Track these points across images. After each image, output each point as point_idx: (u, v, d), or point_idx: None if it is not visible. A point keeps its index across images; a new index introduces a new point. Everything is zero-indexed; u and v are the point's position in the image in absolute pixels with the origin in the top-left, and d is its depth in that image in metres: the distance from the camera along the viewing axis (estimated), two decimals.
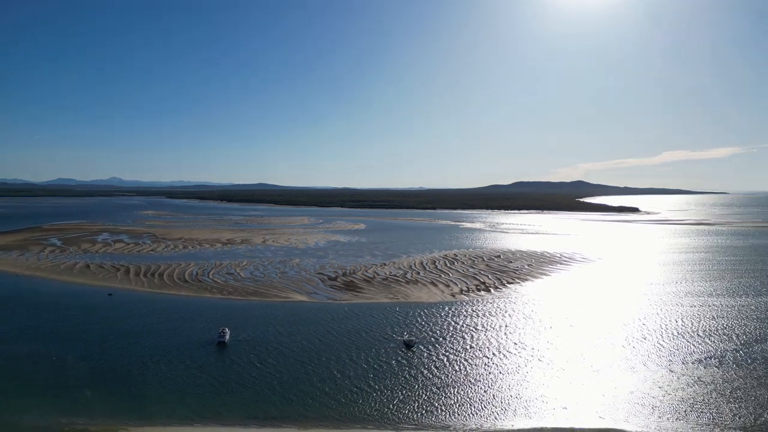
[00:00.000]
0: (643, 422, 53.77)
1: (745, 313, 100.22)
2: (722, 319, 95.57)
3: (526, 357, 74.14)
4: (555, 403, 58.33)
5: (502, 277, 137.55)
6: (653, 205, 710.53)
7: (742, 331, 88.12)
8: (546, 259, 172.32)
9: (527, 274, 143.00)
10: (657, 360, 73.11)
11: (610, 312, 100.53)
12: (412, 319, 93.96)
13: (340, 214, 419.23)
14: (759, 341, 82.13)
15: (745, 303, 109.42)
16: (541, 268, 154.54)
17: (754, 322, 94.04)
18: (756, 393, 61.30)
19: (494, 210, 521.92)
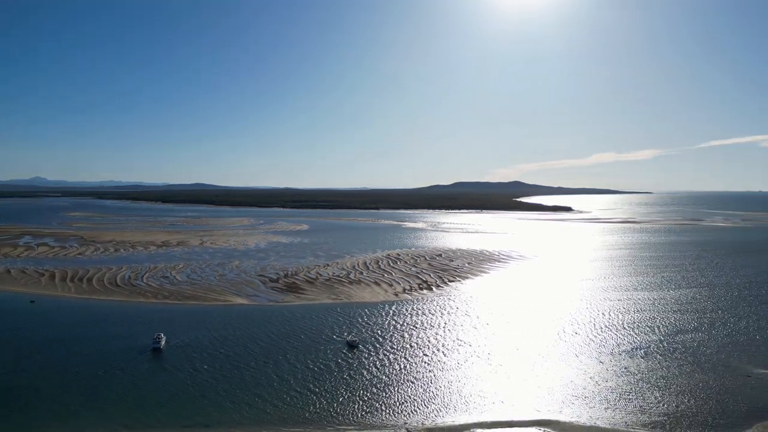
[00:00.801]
0: (576, 412, 56.24)
1: (667, 306, 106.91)
2: (647, 312, 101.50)
3: (466, 353, 75.89)
4: (494, 398, 60.03)
5: (444, 276, 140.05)
6: (585, 204, 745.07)
7: (664, 322, 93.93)
8: (485, 257, 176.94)
9: (467, 272, 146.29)
10: (588, 352, 76.73)
11: (545, 307, 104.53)
12: (356, 320, 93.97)
13: (281, 215, 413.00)
14: (680, 332, 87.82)
15: (666, 296, 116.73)
16: (481, 266, 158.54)
17: (675, 314, 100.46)
18: (678, 381, 65.51)
19: (435, 210, 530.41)
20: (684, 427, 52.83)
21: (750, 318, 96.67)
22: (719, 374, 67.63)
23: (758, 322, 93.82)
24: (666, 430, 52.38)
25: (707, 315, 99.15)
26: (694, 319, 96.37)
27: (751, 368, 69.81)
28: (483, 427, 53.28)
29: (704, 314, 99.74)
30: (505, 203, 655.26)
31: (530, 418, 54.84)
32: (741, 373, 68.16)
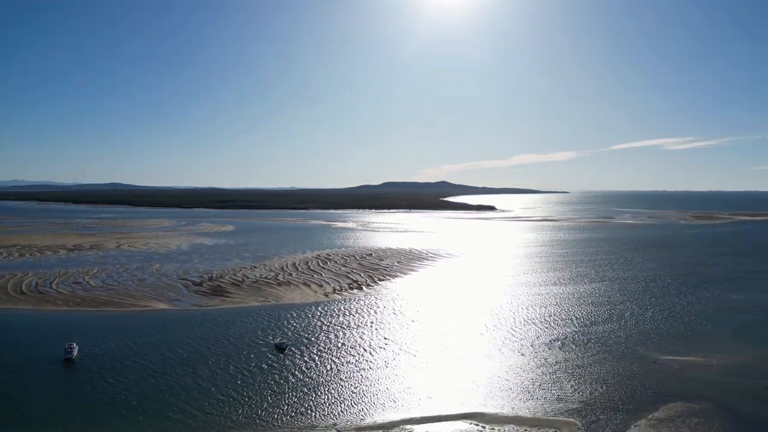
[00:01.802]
0: (500, 404, 58.47)
1: (582, 299, 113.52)
2: (563, 305, 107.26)
3: (395, 351, 76.86)
4: (421, 394, 61.19)
5: (374, 275, 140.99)
6: (508, 203, 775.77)
7: (579, 315, 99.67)
8: (414, 255, 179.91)
9: (397, 271, 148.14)
10: (510, 345, 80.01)
11: (470, 303, 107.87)
12: (285, 322, 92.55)
13: (205, 216, 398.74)
14: (593, 323, 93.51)
15: (581, 290, 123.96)
16: (410, 264, 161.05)
17: (589, 306, 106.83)
18: (592, 369, 69.72)
19: (365, 209, 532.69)
20: (598, 412, 56.28)
21: (655, 308, 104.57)
22: (628, 362, 72.63)
23: (662, 312, 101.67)
24: (582, 415, 55.57)
25: (617, 307, 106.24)
26: (605, 310, 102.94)
27: (657, 355, 75.45)
28: (411, 423, 54.17)
29: (615, 306, 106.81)
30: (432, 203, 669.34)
31: (457, 412, 56.37)
32: (648, 360, 73.54)
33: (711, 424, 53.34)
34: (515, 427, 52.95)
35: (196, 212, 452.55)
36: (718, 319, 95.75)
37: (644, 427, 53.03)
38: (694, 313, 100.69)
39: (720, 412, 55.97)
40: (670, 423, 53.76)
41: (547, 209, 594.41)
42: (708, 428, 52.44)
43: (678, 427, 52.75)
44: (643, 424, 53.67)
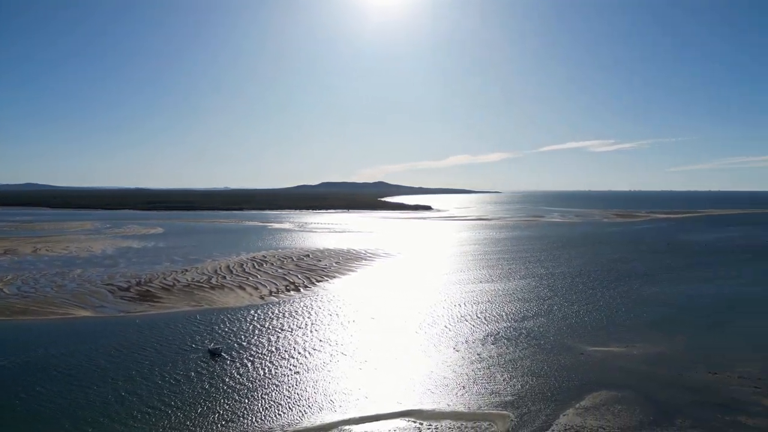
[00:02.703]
0: (436, 400, 59.36)
1: (513, 295, 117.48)
2: (496, 302, 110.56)
3: (332, 352, 76.36)
4: (359, 394, 61.10)
5: (312, 276, 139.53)
6: (443, 203, 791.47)
7: (511, 310, 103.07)
8: (352, 256, 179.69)
9: (335, 272, 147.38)
10: (445, 342, 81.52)
11: (407, 302, 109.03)
12: (218, 326, 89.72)
13: (132, 218, 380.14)
14: (524, 319, 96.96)
15: (513, 286, 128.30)
16: (348, 264, 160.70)
17: (520, 302, 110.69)
18: (523, 363, 72.23)
19: (303, 210, 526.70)
20: (529, 404, 58.36)
21: (580, 303, 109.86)
22: (557, 354, 75.85)
23: (587, 306, 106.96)
24: (515, 407, 57.44)
25: (546, 302, 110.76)
26: (535, 306, 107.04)
27: (583, 347, 79.22)
28: (350, 423, 53.97)
29: (544, 301, 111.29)
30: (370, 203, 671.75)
31: (395, 410, 56.70)
32: (575, 351, 77.10)
33: (632, 410, 56.60)
34: (452, 422, 53.94)
35: (122, 214, 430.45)
36: (638, 312, 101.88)
37: (572, 415, 55.52)
38: (615, 306, 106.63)
39: (640, 399, 59.51)
40: (596, 411, 56.59)
41: (480, 209, 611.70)
42: (630, 415, 55.61)
43: (602, 415, 55.61)
44: (571, 412, 56.18)
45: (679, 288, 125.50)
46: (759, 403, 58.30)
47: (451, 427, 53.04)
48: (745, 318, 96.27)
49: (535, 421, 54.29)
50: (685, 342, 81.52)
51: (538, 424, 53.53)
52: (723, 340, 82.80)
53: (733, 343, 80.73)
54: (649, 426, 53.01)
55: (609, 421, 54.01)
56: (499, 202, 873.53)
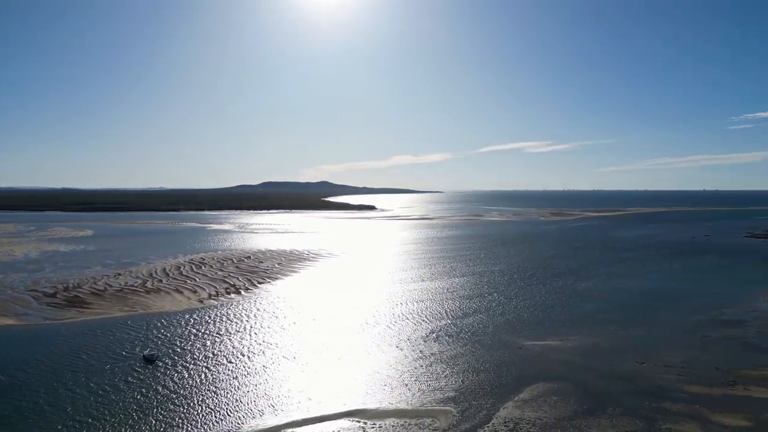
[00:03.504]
0: (380, 399, 59.45)
1: (454, 293, 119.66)
2: (437, 300, 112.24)
3: (274, 355, 74.98)
4: (301, 396, 60.28)
5: (253, 278, 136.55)
6: (387, 203, 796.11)
7: (452, 308, 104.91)
8: (295, 256, 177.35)
9: (277, 273, 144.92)
10: (388, 341, 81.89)
11: (350, 302, 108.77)
12: (154, 332, 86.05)
13: (59, 220, 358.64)
14: (465, 315, 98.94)
15: (454, 284, 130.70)
16: (291, 265, 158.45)
17: (461, 299, 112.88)
18: (464, 358, 73.64)
19: (244, 210, 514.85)
20: (470, 399, 59.55)
21: (518, 298, 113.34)
22: (496, 349, 77.85)
23: (524, 301, 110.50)
24: (456, 403, 58.44)
25: (485, 298, 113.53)
26: (475, 303, 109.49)
27: (522, 341, 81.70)
28: (293, 426, 53.13)
29: (483, 298, 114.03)
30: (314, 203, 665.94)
31: (339, 411, 56.33)
32: (513, 346, 79.39)
33: (567, 401, 58.92)
34: (395, 420, 54.20)
35: (49, 215, 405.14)
36: (572, 306, 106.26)
37: (511, 408, 57.11)
38: (551, 301, 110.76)
39: (575, 390, 62.04)
40: (533, 403, 58.50)
41: (423, 208, 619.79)
42: (565, 405, 57.84)
43: (540, 406, 57.55)
44: (510, 405, 57.80)
45: (608, 283, 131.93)
46: (682, 390, 62.12)
47: (395, 424, 53.29)
48: (668, 311, 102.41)
49: (477, 415, 55.46)
50: (615, 334, 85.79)
51: (479, 418, 54.70)
52: (648, 331, 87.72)
53: (658, 334, 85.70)
54: (583, 415, 55.33)
55: (546, 413, 55.95)
56: (441, 202, 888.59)
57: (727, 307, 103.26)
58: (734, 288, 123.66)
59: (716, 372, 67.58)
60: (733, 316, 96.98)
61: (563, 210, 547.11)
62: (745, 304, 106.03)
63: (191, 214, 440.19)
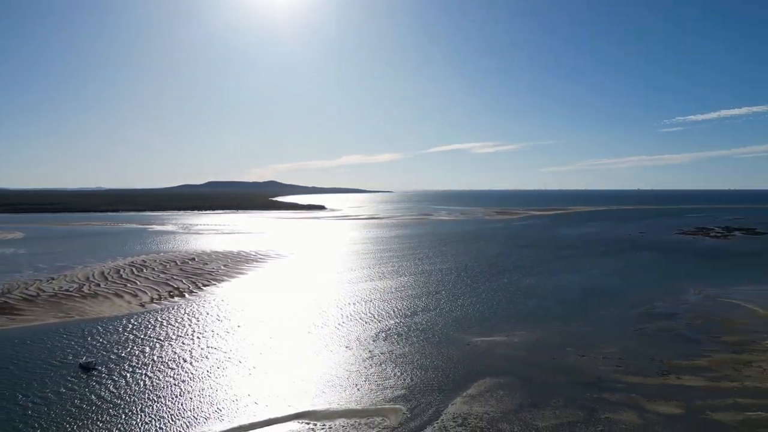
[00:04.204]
0: (329, 400, 58.99)
1: (404, 292, 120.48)
2: (387, 299, 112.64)
3: (218, 359, 72.99)
4: (248, 400, 58.95)
5: (198, 281, 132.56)
6: (337, 202, 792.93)
7: (401, 307, 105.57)
8: (242, 258, 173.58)
9: (224, 275, 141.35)
10: (337, 342, 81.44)
11: (298, 303, 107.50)
12: (92, 338, 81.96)
13: None
14: (414, 314, 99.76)
15: (403, 283, 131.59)
16: (238, 267, 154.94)
17: (410, 298, 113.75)
18: (413, 356, 74.19)
19: (187, 211, 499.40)
20: (419, 396, 60.04)
21: (465, 296, 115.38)
22: (445, 346, 78.90)
23: (471, 298, 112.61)
24: (406, 401, 58.78)
25: (434, 296, 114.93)
26: (424, 301, 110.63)
27: (469, 338, 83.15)
28: (239, 431, 51.91)
29: (432, 296, 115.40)
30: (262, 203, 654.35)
31: (287, 414, 55.51)
32: (461, 342, 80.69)
33: (513, 394, 60.43)
34: (345, 420, 53.93)
35: None
36: (517, 302, 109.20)
37: (459, 404, 58.01)
38: (497, 298, 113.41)
39: (520, 384, 63.73)
40: (481, 398, 59.66)
41: (373, 208, 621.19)
42: (511, 399, 59.30)
43: (487, 401, 58.75)
44: (459, 401, 58.70)
45: (551, 279, 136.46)
46: (620, 380, 64.99)
47: (345, 425, 53.03)
48: (606, 305, 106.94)
49: (426, 412, 55.97)
50: (558, 328, 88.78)
51: (428, 415, 55.24)
52: (588, 325, 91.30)
53: (597, 328, 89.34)
54: (528, 408, 56.90)
55: (493, 407, 57.18)
56: (391, 201, 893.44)
57: (661, 301, 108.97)
58: (667, 282, 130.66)
59: (651, 362, 71.13)
60: (665, 309, 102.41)
61: (509, 209, 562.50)
62: (677, 298, 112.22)
63: (131, 215, 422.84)
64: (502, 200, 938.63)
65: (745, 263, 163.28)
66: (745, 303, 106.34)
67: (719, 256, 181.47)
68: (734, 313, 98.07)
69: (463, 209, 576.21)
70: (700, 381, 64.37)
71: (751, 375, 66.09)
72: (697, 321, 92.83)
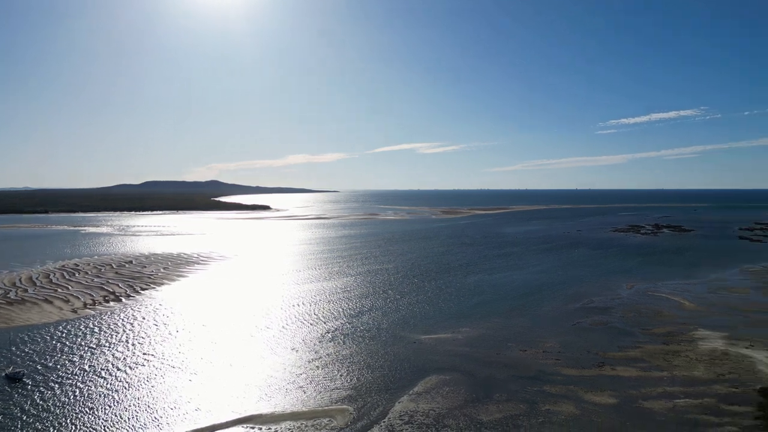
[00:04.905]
0: (274, 403, 57.88)
1: (350, 292, 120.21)
2: (333, 299, 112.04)
3: (157, 366, 70.18)
4: (188, 407, 56.95)
5: (135, 284, 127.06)
6: (283, 203, 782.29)
7: (348, 307, 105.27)
8: (183, 260, 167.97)
9: (163, 278, 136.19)
10: (282, 344, 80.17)
11: (242, 306, 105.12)
12: (19, 347, 76.93)
13: None
14: (361, 314, 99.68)
15: (350, 283, 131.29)
16: (178, 270, 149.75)
17: (356, 298, 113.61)
18: (360, 357, 74.06)
19: (124, 211, 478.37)
20: (366, 396, 59.96)
21: (412, 294, 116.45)
22: (391, 345, 79.25)
23: (418, 297, 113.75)
24: (353, 401, 58.54)
25: (381, 296, 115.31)
26: (371, 300, 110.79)
27: (416, 336, 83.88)
28: None
29: (379, 295, 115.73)
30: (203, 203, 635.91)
31: (231, 419, 54.04)
32: (408, 341, 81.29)
33: (459, 390, 61.41)
34: (292, 423, 53.08)
35: None
36: (461, 300, 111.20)
37: (406, 402, 58.36)
38: (443, 296, 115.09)
39: (465, 379, 64.86)
40: (427, 395, 60.26)
41: (320, 208, 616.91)
42: (456, 395, 60.23)
43: (433, 398, 59.41)
44: (406, 399, 59.05)
45: (494, 276, 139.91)
46: (559, 373, 67.35)
47: (291, 427, 52.20)
48: (546, 300, 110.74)
49: (373, 411, 55.95)
50: (501, 324, 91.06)
51: (375, 414, 55.24)
52: (529, 320, 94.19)
53: (538, 323, 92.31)
54: (472, 403, 57.97)
55: (439, 403, 57.88)
56: (338, 201, 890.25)
57: (596, 296, 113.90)
58: (602, 278, 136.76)
59: (588, 355, 74.17)
60: (601, 303, 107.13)
61: (454, 208, 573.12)
62: (611, 292, 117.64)
63: (62, 217, 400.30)
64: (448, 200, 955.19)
65: (672, 259, 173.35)
66: (673, 296, 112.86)
67: (649, 252, 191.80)
68: (663, 306, 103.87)
69: (409, 209, 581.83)
70: (633, 371, 67.69)
71: (679, 364, 70.13)
72: (629, 314, 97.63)
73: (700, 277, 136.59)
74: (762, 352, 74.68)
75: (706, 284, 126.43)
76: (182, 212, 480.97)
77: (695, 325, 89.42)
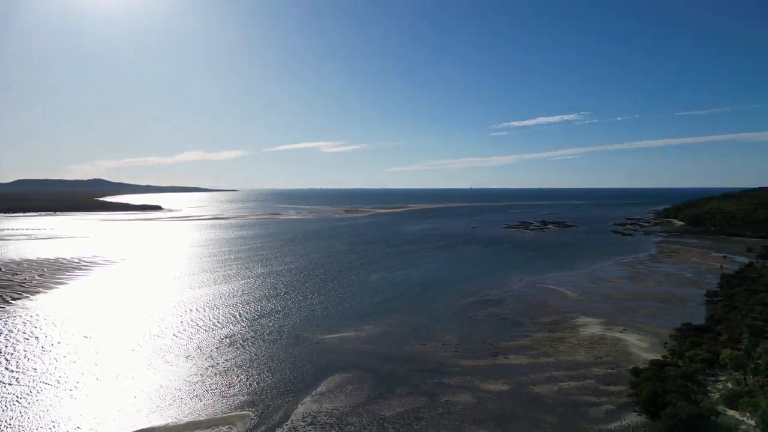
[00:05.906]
0: (168, 415, 54.44)
1: (251, 294, 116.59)
2: (232, 303, 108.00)
3: (30, 383, 63.25)
4: (68, 426, 51.89)
5: (5, 294, 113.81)
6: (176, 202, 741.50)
7: (248, 310, 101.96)
8: (62, 265, 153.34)
9: (38, 286, 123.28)
10: (176, 352, 75.72)
11: (130, 314, 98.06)
12: None
13: None
14: (261, 316, 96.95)
15: (250, 285, 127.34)
16: (56, 276, 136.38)
17: (256, 301, 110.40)
18: (261, 361, 71.91)
19: None
20: (268, 400, 58.31)
21: (314, 294, 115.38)
22: (294, 346, 77.84)
23: (320, 297, 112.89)
24: (254, 405, 56.65)
25: (282, 297, 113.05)
26: (272, 302, 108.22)
27: (318, 336, 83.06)
28: None
29: (280, 297, 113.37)
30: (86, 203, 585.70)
31: None
32: (311, 341, 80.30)
33: (362, 388, 61.66)
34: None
35: None
36: (363, 298, 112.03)
37: (309, 403, 57.54)
38: (345, 295, 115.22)
39: (368, 376, 65.28)
40: (330, 394, 59.85)
41: (217, 207, 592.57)
42: (359, 392, 60.41)
43: (336, 397, 59.12)
44: (309, 400, 58.21)
45: (394, 274, 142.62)
46: (458, 364, 69.97)
47: None
48: (443, 295, 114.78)
49: (275, 415, 54.54)
50: (401, 320, 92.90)
51: (277, 417, 53.89)
52: (428, 315, 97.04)
53: (436, 317, 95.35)
54: (375, 399, 58.47)
55: (342, 402, 57.70)
56: (237, 201, 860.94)
57: (490, 289, 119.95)
58: (495, 272, 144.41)
59: (483, 345, 77.83)
60: (494, 296, 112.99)
61: (356, 207, 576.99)
62: (503, 286, 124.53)
63: None
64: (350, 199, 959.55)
65: (557, 253, 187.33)
66: (558, 287, 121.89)
67: (537, 247, 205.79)
68: (549, 297, 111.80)
69: (311, 208, 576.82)
70: (524, 359, 72.08)
71: (564, 350, 75.78)
72: (519, 305, 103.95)
73: (581, 268, 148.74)
74: (633, 335, 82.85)
75: (586, 275, 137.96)
76: (62, 213, 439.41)
77: (577, 313, 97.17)
